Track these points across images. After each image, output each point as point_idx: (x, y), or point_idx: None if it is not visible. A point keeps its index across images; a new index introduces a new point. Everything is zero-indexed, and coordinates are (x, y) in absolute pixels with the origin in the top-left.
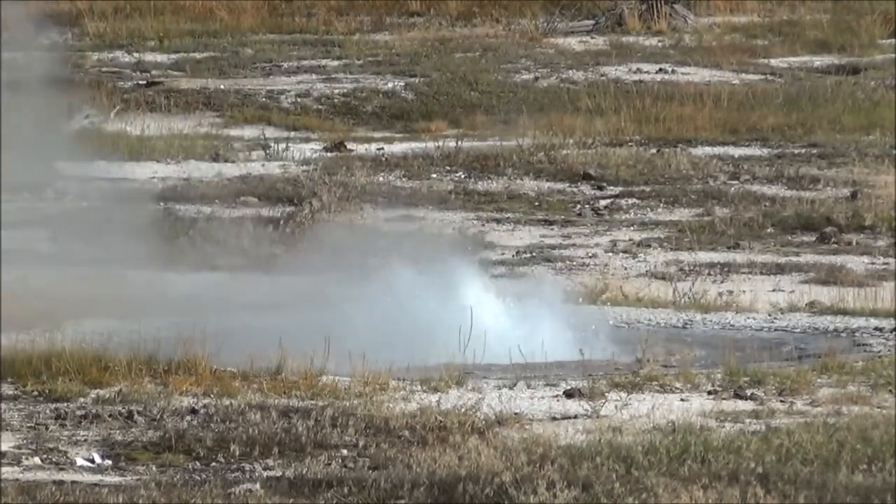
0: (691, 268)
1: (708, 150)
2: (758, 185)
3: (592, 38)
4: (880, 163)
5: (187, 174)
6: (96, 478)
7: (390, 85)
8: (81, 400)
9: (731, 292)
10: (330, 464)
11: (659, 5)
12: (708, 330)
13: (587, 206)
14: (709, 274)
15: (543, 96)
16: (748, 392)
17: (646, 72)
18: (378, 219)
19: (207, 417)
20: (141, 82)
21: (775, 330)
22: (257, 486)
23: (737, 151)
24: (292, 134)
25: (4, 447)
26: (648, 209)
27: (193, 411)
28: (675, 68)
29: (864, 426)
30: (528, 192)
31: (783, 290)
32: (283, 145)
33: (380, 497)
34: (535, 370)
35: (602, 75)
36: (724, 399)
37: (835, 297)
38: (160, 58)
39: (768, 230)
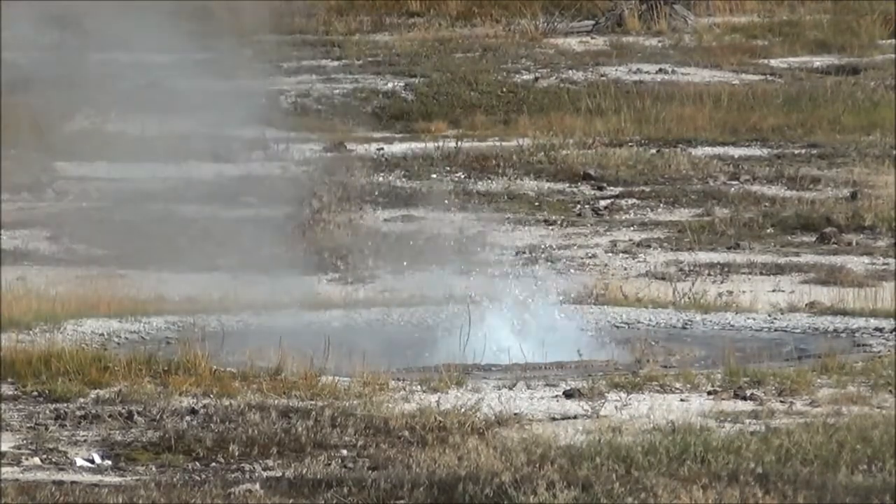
0: (691, 268)
1: (708, 150)
2: (758, 185)
3: (592, 38)
4: (880, 163)
5: (187, 174)
6: (96, 478)
7: (390, 85)
8: (81, 400)
9: (730, 293)
10: (329, 464)
11: (659, 5)
12: (708, 330)
13: (587, 206)
14: (709, 274)
15: (543, 96)
16: (748, 392)
17: (646, 72)
18: (378, 219)
19: (207, 418)
20: (141, 82)
21: (775, 330)
22: (257, 486)
23: (737, 151)
24: (292, 134)
25: (4, 447)
26: (648, 209)
27: (193, 411)
28: (675, 68)
29: (864, 426)
30: (528, 193)
31: (783, 291)
32: (283, 145)
33: (380, 497)
34: (535, 370)
35: (602, 75)
36: (723, 399)
37: (835, 297)
38: (160, 58)
39: (768, 230)
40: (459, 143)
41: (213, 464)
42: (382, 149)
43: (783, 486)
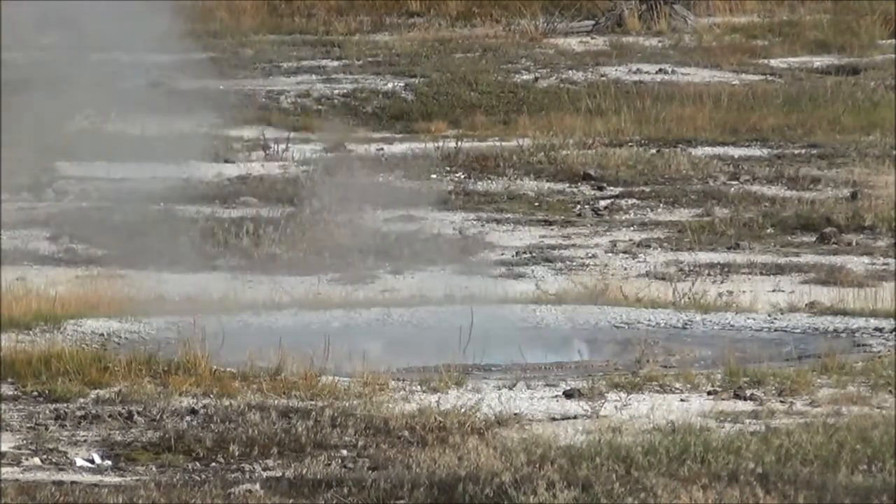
0: (691, 268)
1: (708, 150)
2: (758, 185)
3: (592, 38)
4: (880, 163)
5: (187, 174)
6: (96, 478)
7: (390, 85)
8: (81, 400)
9: (730, 293)
10: (330, 464)
11: (659, 5)
12: (708, 330)
13: (587, 206)
14: (709, 274)
15: (543, 96)
16: (748, 392)
17: (646, 72)
18: (378, 219)
19: (207, 418)
20: (141, 82)
21: (775, 330)
22: (257, 486)
23: (737, 152)
24: (292, 134)
25: (4, 447)
26: (648, 209)
27: (193, 412)
28: (675, 69)
29: (864, 426)
30: (528, 193)
31: (783, 291)
32: (282, 145)
33: (380, 497)
34: (535, 371)
35: (602, 75)
36: (723, 399)
37: (835, 297)
38: (160, 58)
39: (768, 230)
40: (459, 143)
41: (213, 464)
42: (382, 149)
43: (783, 486)
